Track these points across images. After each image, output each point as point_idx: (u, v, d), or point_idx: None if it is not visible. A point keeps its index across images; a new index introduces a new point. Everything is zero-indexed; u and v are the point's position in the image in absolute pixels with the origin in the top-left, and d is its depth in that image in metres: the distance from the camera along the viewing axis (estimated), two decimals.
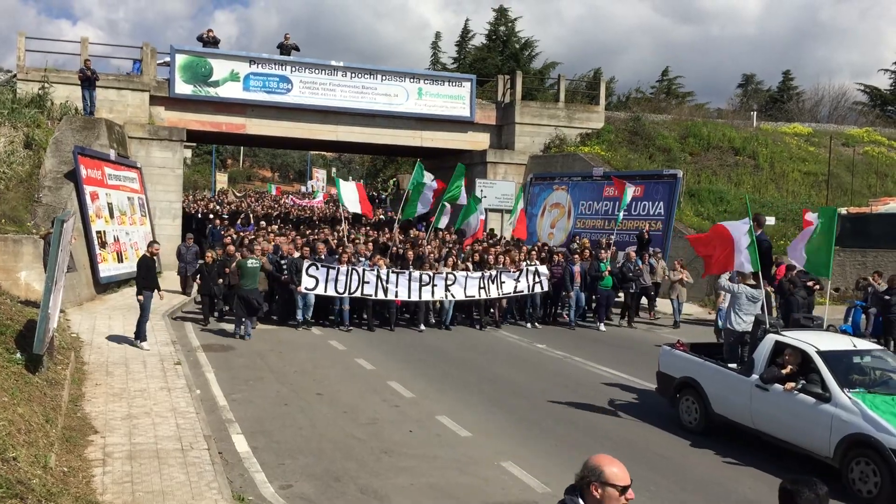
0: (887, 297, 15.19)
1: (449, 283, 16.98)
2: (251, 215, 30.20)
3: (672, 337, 16.86)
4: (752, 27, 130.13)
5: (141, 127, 23.82)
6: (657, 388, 10.94)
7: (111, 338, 13.55)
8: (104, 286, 18.13)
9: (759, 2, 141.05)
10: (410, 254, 17.97)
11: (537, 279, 17.86)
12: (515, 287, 17.68)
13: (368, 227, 24.77)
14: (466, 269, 17.65)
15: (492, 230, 24.90)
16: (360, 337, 15.96)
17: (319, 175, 76.12)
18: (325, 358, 13.78)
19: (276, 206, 46.26)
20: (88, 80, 21.84)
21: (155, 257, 13.83)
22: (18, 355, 9.09)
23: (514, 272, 17.67)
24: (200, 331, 15.64)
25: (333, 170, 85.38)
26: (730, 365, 10.07)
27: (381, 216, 32.84)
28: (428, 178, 20.39)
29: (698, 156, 27.93)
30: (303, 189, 71.21)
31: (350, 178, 18.91)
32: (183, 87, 24.66)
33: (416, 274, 16.76)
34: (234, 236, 19.61)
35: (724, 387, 9.65)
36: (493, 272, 17.48)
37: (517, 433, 9.68)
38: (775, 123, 34.24)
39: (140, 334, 13.06)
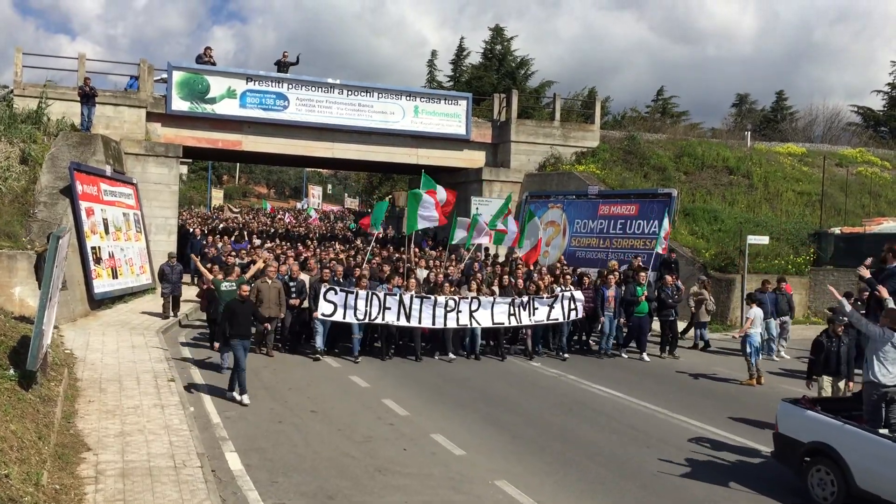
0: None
1: (473, 308, 15.67)
2: (245, 232, 30.19)
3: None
4: (747, 48, 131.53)
5: (137, 143, 23.89)
6: (774, 453, 9.09)
7: (105, 354, 13.49)
8: (98, 302, 18.10)
9: (754, 23, 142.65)
10: (432, 276, 16.85)
11: (573, 305, 16.42)
12: (549, 314, 16.23)
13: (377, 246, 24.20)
14: (492, 293, 16.36)
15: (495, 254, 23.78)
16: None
17: (315, 192, 76.29)
18: (319, 375, 13.74)
19: (271, 222, 46.24)
20: (88, 97, 21.97)
21: (249, 300, 12.28)
22: (11, 371, 9.07)
23: (547, 298, 16.33)
24: (194, 348, 15.59)
25: (329, 186, 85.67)
26: (881, 430, 8.27)
27: (382, 233, 32.82)
28: (435, 190, 18.31)
29: (693, 175, 28.10)
30: (298, 206, 71.31)
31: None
32: (180, 104, 24.78)
33: (441, 299, 15.42)
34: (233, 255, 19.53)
35: (874, 458, 7.74)
36: (525, 298, 16.12)
37: (511, 451, 9.65)
38: (769, 143, 34.47)
39: (241, 388, 11.39)
